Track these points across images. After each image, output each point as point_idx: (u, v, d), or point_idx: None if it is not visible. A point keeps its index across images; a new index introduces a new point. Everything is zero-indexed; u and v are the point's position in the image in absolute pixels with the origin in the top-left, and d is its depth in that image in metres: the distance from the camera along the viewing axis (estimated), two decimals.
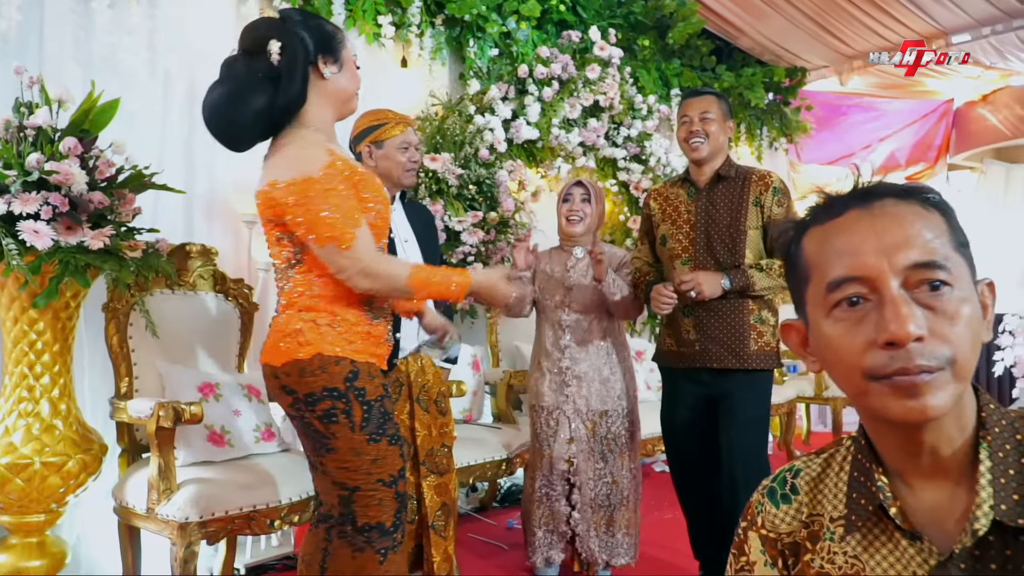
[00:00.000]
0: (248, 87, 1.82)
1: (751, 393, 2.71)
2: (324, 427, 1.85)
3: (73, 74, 2.93)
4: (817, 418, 6.26)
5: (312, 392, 1.84)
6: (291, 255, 1.89)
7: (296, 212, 1.79)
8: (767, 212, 2.68)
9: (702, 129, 2.73)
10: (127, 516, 2.52)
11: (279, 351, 1.87)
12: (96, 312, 2.74)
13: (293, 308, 1.89)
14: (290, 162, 1.82)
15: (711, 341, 2.69)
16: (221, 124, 1.87)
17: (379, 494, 1.88)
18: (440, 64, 4.21)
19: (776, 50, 6.27)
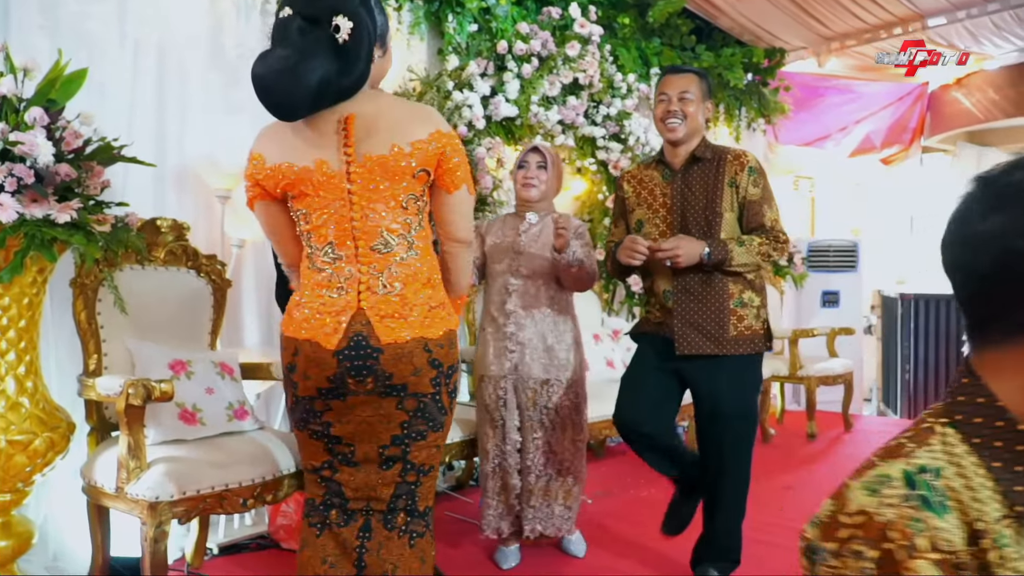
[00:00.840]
0: (313, 57, 1.71)
1: (735, 385, 2.64)
2: (450, 401, 1.89)
3: (39, 43, 2.84)
4: (791, 397, 6.32)
5: (453, 364, 1.89)
6: (415, 220, 1.87)
7: (461, 158, 1.86)
8: (742, 192, 2.63)
9: (680, 109, 2.65)
10: (96, 495, 2.48)
11: (434, 323, 1.85)
12: (63, 288, 2.69)
13: (420, 278, 1.87)
14: (437, 117, 1.88)
15: (688, 327, 2.63)
16: (280, 91, 1.71)
17: (437, 476, 1.93)
18: (418, 39, 4.15)
19: (755, 30, 6.26)
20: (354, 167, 1.78)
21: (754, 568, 2.91)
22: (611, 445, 4.94)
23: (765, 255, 2.59)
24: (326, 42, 1.72)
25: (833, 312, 6.59)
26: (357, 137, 1.78)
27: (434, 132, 1.81)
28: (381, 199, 1.80)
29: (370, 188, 1.79)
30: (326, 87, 1.72)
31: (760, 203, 2.63)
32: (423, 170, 1.82)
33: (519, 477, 2.94)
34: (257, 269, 3.56)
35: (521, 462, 2.94)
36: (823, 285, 6.69)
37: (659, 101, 2.70)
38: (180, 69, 3.31)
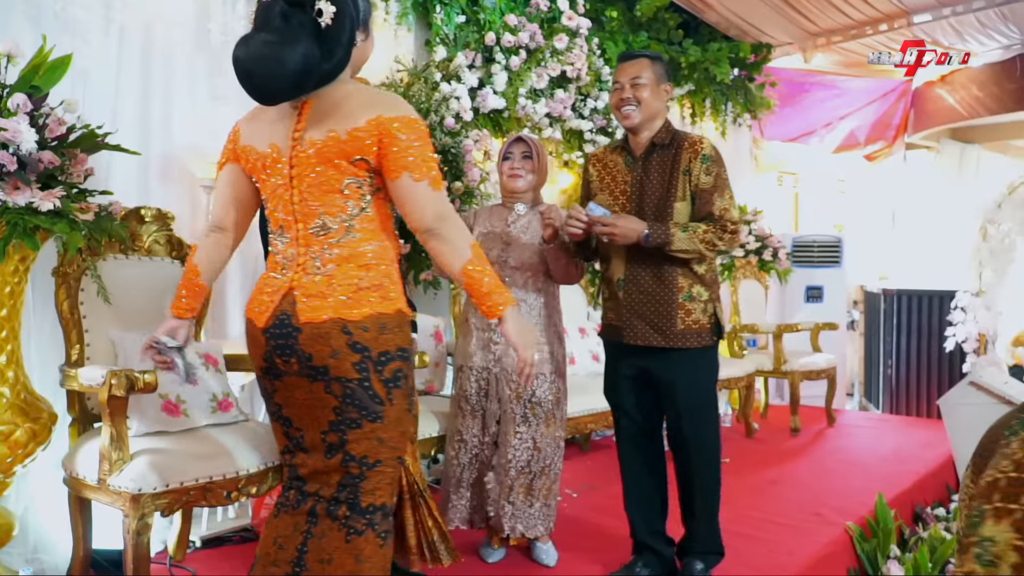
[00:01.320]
0: (297, 39, 1.69)
1: (691, 378, 2.66)
2: (386, 391, 1.76)
3: (22, 28, 2.80)
4: (775, 391, 6.36)
5: (387, 351, 1.76)
6: (357, 204, 1.79)
7: (405, 143, 1.74)
8: (694, 180, 2.59)
9: (633, 96, 2.62)
10: (78, 487, 2.45)
11: (356, 304, 1.75)
12: (46, 277, 2.65)
13: (360, 260, 1.78)
14: (387, 100, 1.79)
15: (636, 317, 2.64)
16: (265, 72, 1.69)
17: (393, 472, 1.82)
18: (406, 30, 4.13)
19: (742, 25, 6.27)
20: (296, 151, 1.78)
21: (739, 561, 2.92)
22: (596, 439, 4.95)
23: (710, 243, 2.53)
24: (309, 26, 1.71)
25: (817, 307, 6.63)
26: (310, 123, 1.78)
27: (373, 119, 1.73)
28: (317, 183, 1.77)
29: (307, 173, 1.78)
30: (308, 72, 1.71)
31: (711, 191, 2.58)
32: (359, 158, 1.76)
33: (494, 472, 2.92)
34: (242, 259, 3.54)
35: (498, 457, 2.91)
36: (807, 280, 6.72)
37: (614, 89, 2.68)
38: (165, 56, 3.27)
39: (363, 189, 1.79)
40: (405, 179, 1.75)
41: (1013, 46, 6.57)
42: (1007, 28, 6.13)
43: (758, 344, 6.06)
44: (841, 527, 3.37)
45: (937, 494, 4.24)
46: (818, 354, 5.61)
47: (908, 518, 3.85)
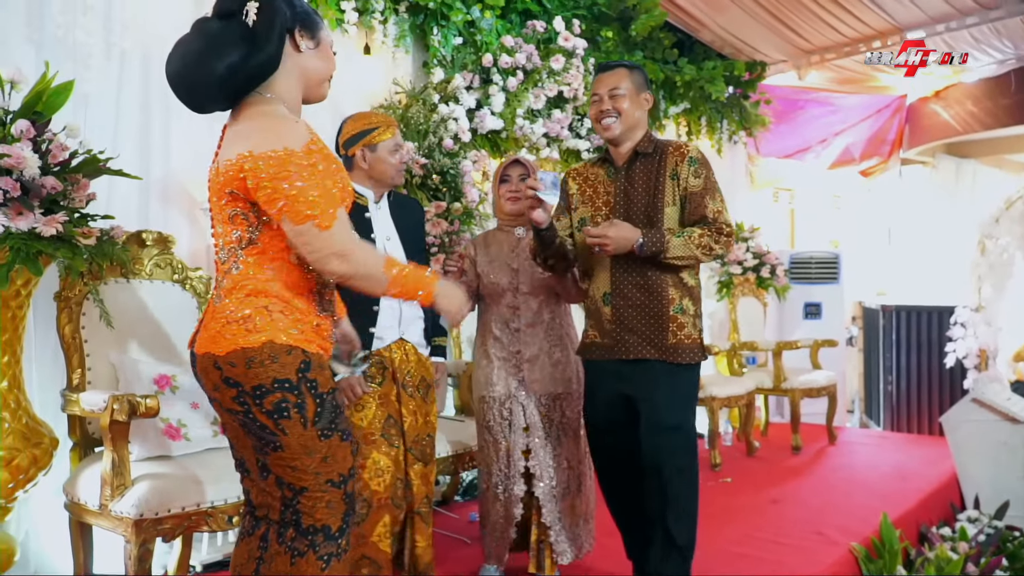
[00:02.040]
0: (221, 42, 1.67)
1: (672, 397, 2.55)
2: (272, 423, 1.68)
3: (26, 54, 2.82)
4: (775, 409, 6.34)
5: (261, 384, 1.67)
6: (244, 234, 1.73)
7: (272, 186, 1.64)
8: (683, 183, 2.53)
9: (613, 107, 2.57)
10: (79, 512, 2.44)
11: (222, 339, 1.69)
12: (47, 301, 2.65)
13: (240, 292, 1.72)
14: (267, 133, 1.67)
15: (628, 331, 2.55)
16: (188, 79, 1.70)
17: (327, 495, 1.75)
18: (404, 51, 4.15)
19: (736, 43, 6.31)
20: (211, 176, 1.78)
21: None
22: None
23: (706, 248, 2.47)
24: (237, 30, 1.69)
25: (815, 324, 6.63)
26: (222, 149, 1.76)
27: (244, 153, 1.65)
28: (216, 211, 1.77)
29: (215, 198, 1.77)
30: (234, 72, 1.68)
31: (702, 194, 2.52)
32: (231, 191, 1.69)
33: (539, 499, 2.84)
34: None
35: (543, 486, 2.83)
36: (805, 297, 6.73)
37: (593, 102, 2.63)
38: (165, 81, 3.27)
39: (248, 219, 1.72)
40: (286, 226, 1.67)
41: (1007, 61, 6.61)
42: (1001, 43, 6.17)
43: (758, 362, 6.05)
44: (845, 547, 3.35)
45: (942, 513, 4.22)
46: (818, 371, 5.60)
47: (913, 538, 3.83)
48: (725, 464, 4.78)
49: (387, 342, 2.63)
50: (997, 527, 3.97)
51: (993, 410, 4.37)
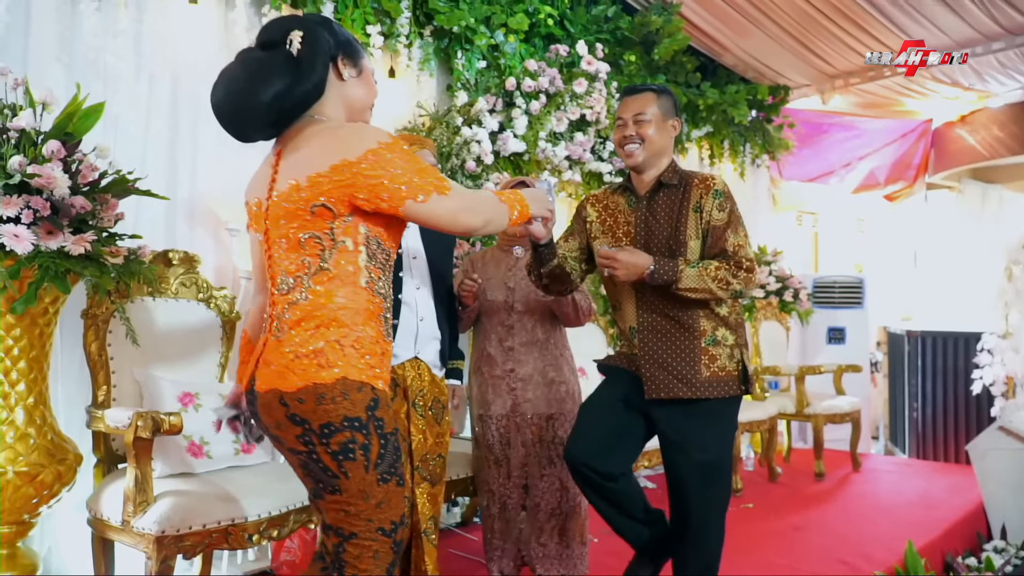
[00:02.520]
0: (266, 72, 1.68)
1: (709, 432, 2.42)
2: (336, 464, 1.63)
3: (57, 76, 2.88)
4: (798, 435, 6.28)
5: (329, 422, 1.61)
6: (314, 261, 1.68)
7: (389, 176, 1.63)
8: (706, 217, 2.41)
9: (636, 133, 2.45)
10: (101, 528, 2.46)
11: (291, 374, 1.63)
12: (73, 319, 2.69)
13: (310, 323, 1.66)
14: (353, 139, 1.65)
15: (657, 368, 2.41)
16: (234, 109, 1.71)
17: (376, 544, 1.68)
18: (428, 75, 4.19)
19: (759, 68, 6.32)
20: (270, 203, 1.73)
21: None
22: None
23: (722, 281, 2.33)
24: (282, 59, 1.70)
25: (839, 349, 6.57)
26: (281, 173, 1.72)
27: (337, 163, 1.62)
28: (283, 237, 1.71)
29: (276, 226, 1.71)
30: (280, 100, 1.69)
31: (724, 228, 2.40)
32: (321, 205, 1.65)
33: (524, 516, 2.91)
34: None
35: (529, 500, 2.90)
36: (829, 321, 6.67)
37: (617, 126, 2.51)
38: (193, 101, 3.34)
39: (322, 243, 1.68)
40: (409, 206, 1.66)
41: None
42: None
43: (780, 386, 6.00)
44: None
45: (968, 543, 4.15)
46: (841, 397, 5.54)
47: (939, 568, 3.77)
48: (747, 489, 4.73)
49: (401, 360, 2.66)
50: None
51: (1020, 438, 4.30)
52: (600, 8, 5.22)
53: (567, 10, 4.95)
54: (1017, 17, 5.29)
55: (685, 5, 5.41)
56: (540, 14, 4.70)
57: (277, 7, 3.46)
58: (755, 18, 5.56)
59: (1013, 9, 5.19)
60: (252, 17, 3.46)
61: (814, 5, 5.33)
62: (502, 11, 4.47)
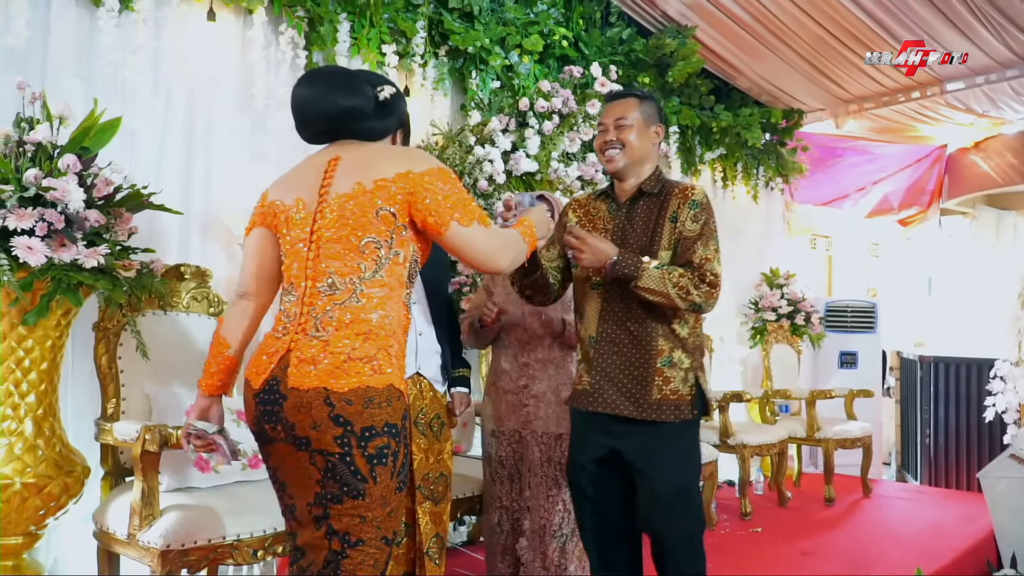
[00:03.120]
0: (355, 87, 1.82)
1: (668, 458, 2.33)
2: (368, 468, 1.65)
3: (75, 90, 2.92)
4: (808, 459, 6.23)
5: (372, 426, 1.65)
6: (371, 266, 1.72)
7: (444, 194, 1.73)
8: (679, 227, 2.34)
9: (617, 138, 2.39)
10: (107, 541, 2.46)
11: (343, 375, 1.65)
12: (84, 331, 2.71)
13: (360, 327, 1.68)
14: (415, 156, 1.79)
15: (607, 382, 2.34)
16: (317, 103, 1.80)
17: (377, 553, 1.71)
18: (442, 94, 4.22)
19: (773, 91, 6.33)
20: (321, 205, 1.75)
21: None
22: None
23: (683, 290, 2.23)
24: (370, 91, 1.84)
25: (851, 373, 6.52)
26: (338, 177, 1.77)
27: (402, 172, 1.72)
28: (339, 239, 1.72)
29: (328, 228, 1.74)
30: (354, 114, 1.80)
31: (695, 239, 2.32)
32: (386, 210, 1.71)
33: (526, 539, 2.89)
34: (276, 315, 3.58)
35: (530, 522, 2.88)
36: (841, 346, 6.63)
37: (599, 131, 2.46)
38: (209, 117, 3.38)
39: (380, 250, 1.72)
40: (454, 228, 1.73)
41: None
42: None
43: (791, 410, 5.95)
44: None
45: (978, 571, 4.10)
46: (853, 422, 5.50)
47: None
48: (756, 513, 4.70)
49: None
50: None
51: None
52: (615, 31, 5.25)
53: (582, 32, 4.99)
54: None
55: (700, 29, 5.43)
56: (555, 35, 4.73)
57: (293, 26, 3.49)
58: (769, 42, 5.58)
59: None
60: (269, 35, 3.51)
61: (828, 30, 5.34)
62: (517, 32, 4.51)
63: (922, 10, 4.93)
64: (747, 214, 6.40)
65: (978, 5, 4.85)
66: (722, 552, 3.92)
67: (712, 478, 4.37)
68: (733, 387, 5.53)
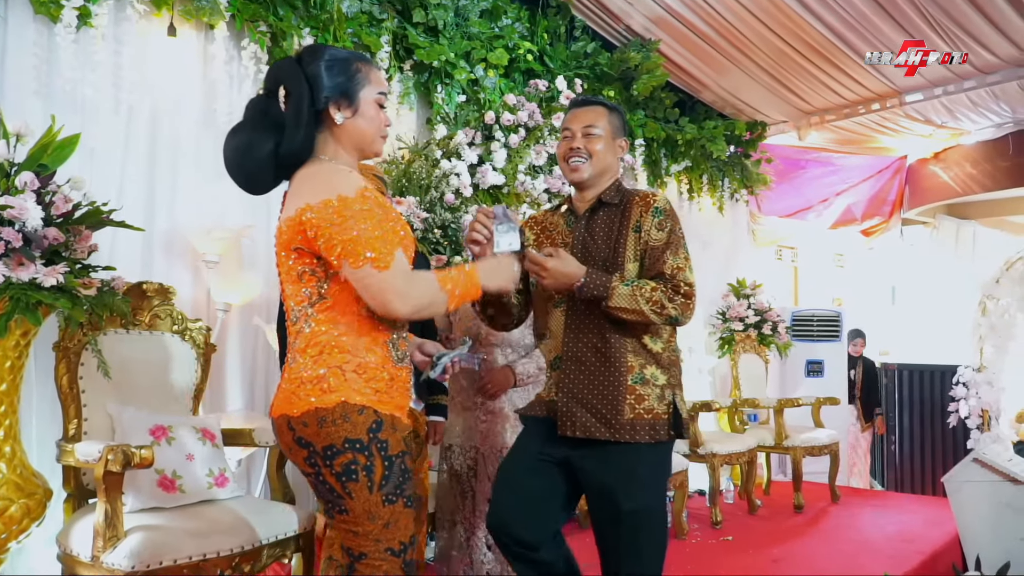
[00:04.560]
0: (259, 134, 1.78)
1: (637, 480, 2.16)
2: (340, 485, 1.70)
3: (33, 108, 2.88)
4: (777, 467, 6.28)
5: (332, 444, 1.69)
6: (314, 291, 1.75)
7: (331, 232, 1.67)
8: (644, 237, 2.21)
9: (584, 147, 2.26)
10: (71, 564, 2.41)
11: (296, 399, 1.71)
12: (46, 351, 2.66)
13: (313, 350, 1.73)
14: (322, 186, 1.71)
15: (576, 403, 2.18)
16: (235, 170, 1.81)
17: (385, 565, 1.72)
18: (408, 108, 4.23)
19: (737, 104, 6.41)
20: (276, 239, 1.81)
21: None
22: None
23: (657, 304, 2.12)
24: (273, 117, 1.79)
25: (818, 382, 6.60)
26: (284, 211, 1.79)
27: (302, 207, 1.69)
28: (284, 272, 1.79)
29: (280, 261, 1.80)
30: (273, 158, 1.78)
31: (663, 249, 2.19)
32: (296, 247, 1.73)
33: (492, 552, 2.88)
34: (242, 334, 3.55)
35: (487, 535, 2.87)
36: (807, 355, 6.71)
37: (563, 137, 2.32)
38: (171, 135, 3.35)
39: (316, 275, 1.74)
40: (346, 271, 1.69)
41: (1005, 124, 6.70)
42: (998, 107, 6.26)
43: (759, 419, 6.01)
44: None
45: (944, 574, 4.15)
46: (820, 429, 5.56)
47: None
48: (726, 522, 4.72)
49: None
50: None
51: (995, 471, 4.32)
52: (579, 44, 5.30)
53: (546, 46, 5.02)
54: (988, 56, 5.40)
55: (664, 42, 5.50)
56: (520, 50, 4.76)
57: (256, 40, 3.48)
58: (732, 56, 5.66)
59: (984, 49, 5.31)
60: (231, 50, 3.49)
61: (790, 44, 5.43)
62: (482, 46, 4.53)
63: (882, 24, 5.03)
64: (713, 225, 6.47)
65: (936, 19, 4.96)
66: (694, 561, 3.93)
67: (683, 488, 4.39)
68: (702, 397, 5.57)
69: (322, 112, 1.79)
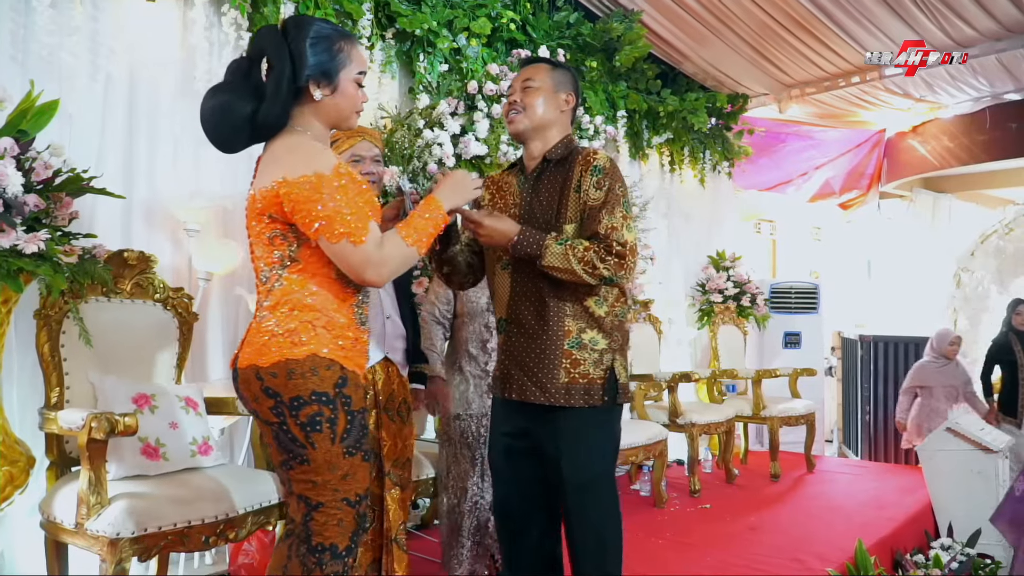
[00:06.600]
0: (239, 97, 1.82)
1: (578, 446, 2.18)
2: (303, 435, 1.78)
3: (11, 73, 2.83)
4: (755, 437, 6.37)
5: (299, 395, 1.77)
6: (285, 255, 1.83)
7: (308, 208, 1.74)
8: (583, 197, 2.18)
9: (521, 100, 2.25)
10: (55, 531, 2.42)
11: (266, 350, 1.79)
12: (27, 319, 2.65)
13: (285, 307, 1.81)
14: (300, 161, 1.78)
15: (516, 366, 2.23)
16: (211, 130, 1.84)
17: (340, 514, 1.83)
18: (390, 77, 4.20)
19: (718, 76, 6.41)
20: (247, 202, 1.88)
21: None
22: None
23: (589, 264, 2.08)
24: (252, 83, 1.84)
25: (795, 353, 6.69)
26: (257, 177, 1.86)
27: (280, 180, 1.77)
28: (254, 235, 1.87)
29: (250, 226, 1.88)
30: (250, 123, 1.83)
31: (599, 208, 2.15)
32: (270, 215, 1.81)
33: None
34: (224, 302, 3.54)
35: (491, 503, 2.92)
36: (785, 326, 6.79)
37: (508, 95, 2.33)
38: (151, 102, 3.31)
39: (287, 239, 1.82)
40: (323, 244, 1.78)
41: (982, 98, 6.76)
42: (976, 81, 6.31)
43: (737, 390, 6.09)
44: (822, 573, 3.37)
45: (916, 540, 4.25)
46: (797, 400, 5.64)
47: (888, 564, 3.86)
48: (704, 491, 4.79)
49: (372, 362, 2.59)
50: (969, 555, 4.00)
51: (967, 440, 4.42)
52: (562, 14, 5.27)
53: (529, 15, 4.99)
54: (967, 30, 5.43)
55: (646, 13, 5.48)
56: (503, 19, 4.73)
57: (236, 6, 3.44)
58: (714, 27, 5.66)
59: (963, 22, 5.33)
60: (211, 16, 3.44)
61: (772, 16, 5.43)
62: (464, 15, 4.49)
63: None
64: (694, 198, 6.49)
65: None
66: (672, 529, 4.00)
67: (662, 457, 4.45)
68: (682, 368, 5.63)
69: (302, 88, 1.85)
